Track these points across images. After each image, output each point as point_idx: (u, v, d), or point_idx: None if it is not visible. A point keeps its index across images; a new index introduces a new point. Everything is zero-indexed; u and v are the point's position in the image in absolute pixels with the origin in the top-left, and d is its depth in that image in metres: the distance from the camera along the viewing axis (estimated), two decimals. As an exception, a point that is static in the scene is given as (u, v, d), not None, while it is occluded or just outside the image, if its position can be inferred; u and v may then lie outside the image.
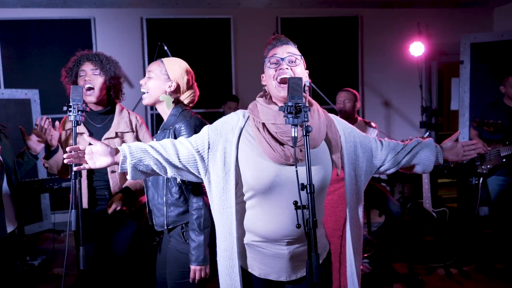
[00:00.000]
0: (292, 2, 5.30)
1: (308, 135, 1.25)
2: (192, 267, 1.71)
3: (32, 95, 4.64)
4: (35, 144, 2.16)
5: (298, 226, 1.23)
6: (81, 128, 2.16)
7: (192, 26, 5.15)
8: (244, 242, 1.53)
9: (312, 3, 5.33)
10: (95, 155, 1.45)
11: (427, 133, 3.88)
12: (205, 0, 5.14)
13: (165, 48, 3.79)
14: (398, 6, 5.50)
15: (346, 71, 5.46)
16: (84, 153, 1.45)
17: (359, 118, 3.53)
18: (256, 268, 1.54)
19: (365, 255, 3.62)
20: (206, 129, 1.53)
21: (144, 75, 1.89)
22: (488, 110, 3.66)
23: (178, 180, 1.74)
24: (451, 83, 7.14)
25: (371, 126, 3.47)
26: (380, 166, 1.66)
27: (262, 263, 1.53)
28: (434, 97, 5.74)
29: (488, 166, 3.45)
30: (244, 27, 5.26)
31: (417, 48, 5.01)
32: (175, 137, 1.72)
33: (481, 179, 3.59)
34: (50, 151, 2.14)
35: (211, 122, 1.59)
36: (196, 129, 1.72)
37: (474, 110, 4.47)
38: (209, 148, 1.49)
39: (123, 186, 2.20)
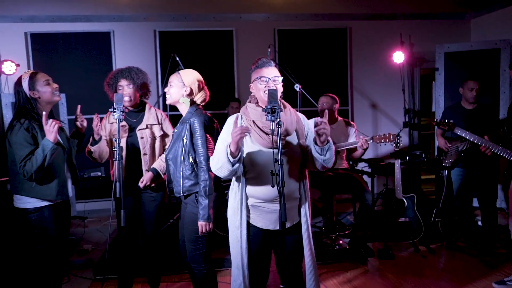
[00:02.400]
0: (287, 16, 5.92)
1: (280, 127, 1.89)
2: (200, 223, 2.34)
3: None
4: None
5: (273, 186, 1.87)
6: (122, 123, 2.82)
7: (199, 37, 5.77)
8: (249, 204, 2.18)
9: (305, 16, 5.95)
10: None
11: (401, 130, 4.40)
12: (211, 14, 5.79)
13: (177, 59, 4.40)
14: (383, 18, 6.09)
15: (337, 77, 6.04)
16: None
17: (339, 118, 4.14)
18: (258, 222, 2.19)
19: (345, 232, 4.25)
20: (224, 132, 2.17)
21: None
22: (447, 111, 4.24)
23: (191, 160, 2.39)
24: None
25: (350, 125, 4.09)
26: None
27: (263, 217, 2.18)
28: (417, 100, 6.34)
29: (450, 160, 4.05)
30: (245, 37, 5.86)
31: (398, 56, 5.65)
32: (191, 129, 2.38)
33: (445, 171, 4.21)
34: (94, 140, 2.79)
35: (218, 120, 2.24)
36: (204, 123, 2.38)
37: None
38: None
39: (151, 166, 2.85)
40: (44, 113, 2.37)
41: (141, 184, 2.78)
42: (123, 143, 2.79)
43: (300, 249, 2.25)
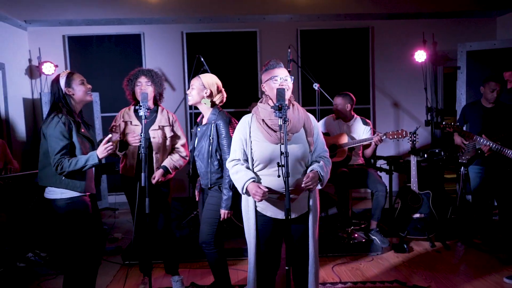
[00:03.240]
0: (310, 16, 6.07)
1: (286, 122, 2.08)
2: (222, 211, 2.63)
3: (94, 97, 5.65)
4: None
5: (278, 176, 2.06)
6: (135, 122, 3.06)
7: (224, 38, 6.01)
8: None
9: (327, 17, 6.08)
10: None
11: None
12: (235, 16, 6.01)
13: (202, 59, 4.64)
14: (406, 18, 6.14)
15: (358, 76, 6.15)
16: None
17: (356, 116, 4.27)
18: (268, 211, 2.39)
19: (361, 226, 4.39)
20: (237, 131, 2.41)
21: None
22: (467, 108, 4.28)
23: (218, 156, 2.62)
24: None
25: (366, 124, 4.21)
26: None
27: (272, 207, 2.37)
28: (440, 98, 6.34)
29: (467, 157, 4.11)
30: (268, 38, 6.05)
31: (420, 55, 5.71)
32: (217, 129, 2.64)
33: (462, 168, 4.27)
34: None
35: (238, 119, 2.47)
36: (229, 124, 2.66)
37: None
38: (245, 141, 2.37)
39: (161, 164, 3.08)
40: (108, 137, 2.57)
41: (153, 181, 3.01)
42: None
43: (307, 238, 2.43)
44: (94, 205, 2.81)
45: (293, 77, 2.39)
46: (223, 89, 2.82)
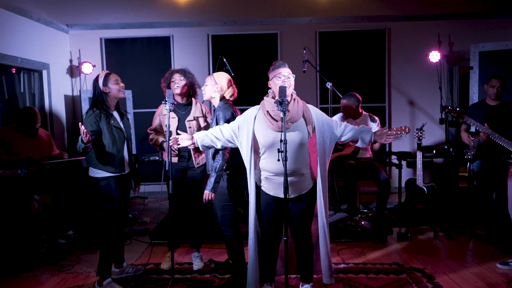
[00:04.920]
0: (329, 19, 6.38)
1: (285, 114, 2.44)
2: (205, 191, 3.00)
3: (127, 94, 6.18)
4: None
5: (278, 160, 2.43)
6: (172, 114, 3.50)
7: (246, 40, 6.40)
8: (262, 176, 2.76)
9: (345, 19, 6.37)
10: (183, 139, 2.83)
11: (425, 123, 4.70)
12: (258, 19, 6.39)
13: (224, 60, 5.02)
14: (422, 19, 6.35)
15: (375, 75, 6.40)
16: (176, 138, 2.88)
17: (364, 113, 4.57)
18: (271, 191, 2.76)
19: (368, 215, 4.68)
20: (237, 118, 2.81)
21: None
22: (473, 107, 4.51)
23: (219, 147, 3.00)
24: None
25: (373, 120, 4.50)
26: (341, 136, 2.80)
27: (274, 187, 2.74)
28: (455, 98, 6.51)
29: (472, 153, 4.34)
30: (288, 39, 6.40)
31: (434, 56, 5.93)
32: (217, 120, 3.00)
33: (468, 164, 4.50)
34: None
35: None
36: (226, 116, 2.98)
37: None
38: (238, 128, 2.76)
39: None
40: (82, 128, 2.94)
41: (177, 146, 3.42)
42: (173, 132, 3.45)
43: (308, 214, 2.79)
44: (126, 183, 3.28)
45: (295, 76, 2.75)
46: (234, 85, 3.20)
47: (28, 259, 3.80)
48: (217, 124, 3.00)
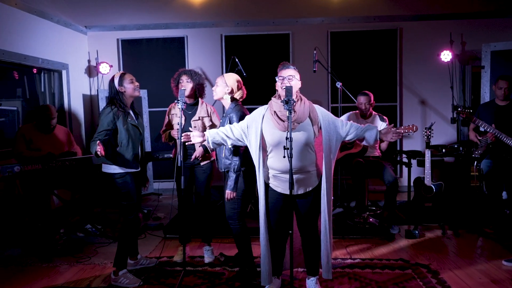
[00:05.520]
0: (340, 19, 6.45)
1: (291, 114, 2.55)
2: (227, 191, 3.10)
3: (143, 93, 6.36)
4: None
5: (284, 157, 2.54)
6: (179, 114, 3.64)
7: (259, 40, 6.51)
8: (270, 174, 2.88)
9: (357, 19, 6.44)
10: (194, 136, 2.97)
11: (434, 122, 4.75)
12: (270, 19, 6.50)
13: (236, 60, 5.16)
14: (434, 19, 6.37)
15: (386, 75, 6.44)
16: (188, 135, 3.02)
17: (374, 113, 4.64)
18: (278, 188, 2.89)
19: (376, 213, 4.76)
20: (246, 117, 2.93)
21: None
22: (482, 107, 4.54)
23: (229, 146, 3.12)
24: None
25: (383, 119, 4.57)
26: (346, 136, 2.90)
27: (281, 184, 2.86)
28: (468, 97, 6.51)
29: (480, 152, 4.38)
30: (300, 40, 6.49)
31: (446, 55, 5.95)
32: (230, 121, 3.12)
33: (475, 162, 4.53)
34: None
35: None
36: (240, 117, 3.10)
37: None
38: (247, 127, 2.89)
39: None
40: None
41: (193, 156, 3.58)
42: (181, 130, 3.58)
43: (314, 210, 2.89)
44: (136, 180, 3.42)
45: (297, 75, 2.86)
46: (243, 87, 3.31)
47: (48, 251, 3.99)
48: (230, 123, 3.12)
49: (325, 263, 2.91)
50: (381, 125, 4.52)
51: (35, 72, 5.75)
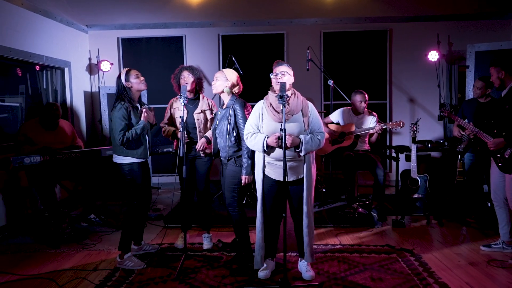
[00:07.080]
0: (333, 20, 6.71)
1: (285, 107, 2.81)
2: (243, 176, 3.31)
3: (142, 91, 6.58)
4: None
5: (280, 147, 2.79)
6: (182, 108, 3.88)
7: (255, 39, 6.76)
8: (266, 161, 3.14)
9: (349, 20, 6.70)
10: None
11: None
12: (266, 20, 6.75)
13: (233, 59, 5.39)
14: (422, 20, 6.65)
15: (376, 74, 6.72)
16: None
17: (365, 110, 4.91)
18: (273, 175, 3.14)
19: (365, 203, 5.02)
20: (253, 111, 3.18)
21: None
22: (465, 104, 4.81)
23: (235, 134, 3.35)
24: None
25: (372, 115, 4.84)
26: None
27: (275, 171, 3.12)
28: (454, 95, 6.80)
29: (462, 146, 4.66)
30: (294, 39, 6.74)
31: (433, 55, 6.23)
32: (234, 111, 3.34)
33: (459, 156, 4.81)
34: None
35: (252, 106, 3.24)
36: (243, 107, 3.33)
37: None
38: (259, 118, 3.13)
39: (204, 135, 3.89)
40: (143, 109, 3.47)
41: (197, 147, 3.81)
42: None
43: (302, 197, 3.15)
44: (147, 168, 3.66)
45: (290, 71, 3.11)
46: (240, 82, 3.55)
47: (55, 239, 4.21)
48: (235, 115, 3.34)
49: (307, 248, 3.18)
50: (370, 119, 4.79)
51: (37, 69, 5.96)
